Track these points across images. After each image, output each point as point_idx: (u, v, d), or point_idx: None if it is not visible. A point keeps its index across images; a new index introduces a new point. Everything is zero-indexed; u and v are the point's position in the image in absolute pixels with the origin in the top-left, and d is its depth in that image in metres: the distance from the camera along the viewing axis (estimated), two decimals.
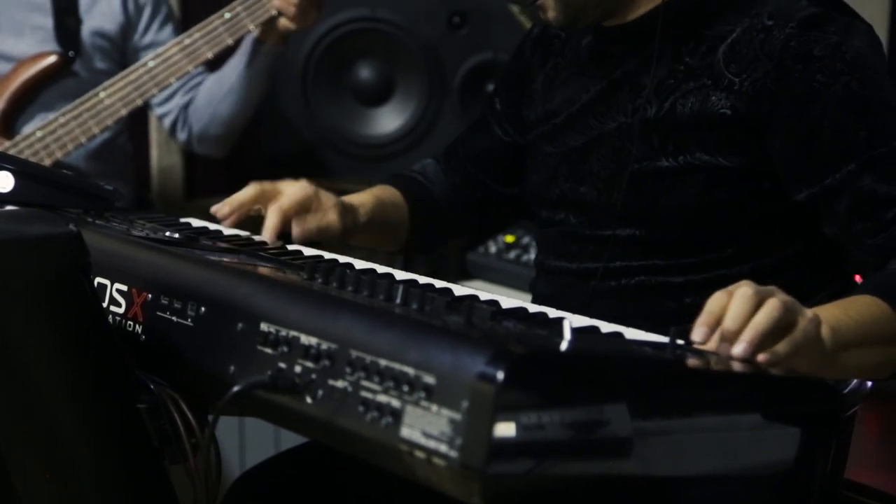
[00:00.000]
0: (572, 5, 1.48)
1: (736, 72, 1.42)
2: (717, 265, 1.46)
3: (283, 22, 2.28)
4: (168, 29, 2.47)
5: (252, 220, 1.57)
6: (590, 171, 1.54)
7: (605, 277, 1.52)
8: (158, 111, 2.50)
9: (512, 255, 2.51)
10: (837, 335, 1.23)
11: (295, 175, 2.67)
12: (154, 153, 2.92)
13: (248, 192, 1.56)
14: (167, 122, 2.51)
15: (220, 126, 2.45)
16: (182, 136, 2.51)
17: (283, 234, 1.54)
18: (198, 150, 2.55)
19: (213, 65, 2.45)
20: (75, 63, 2.37)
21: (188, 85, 2.46)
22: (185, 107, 2.48)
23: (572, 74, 1.60)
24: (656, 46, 1.47)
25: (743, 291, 1.14)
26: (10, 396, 1.15)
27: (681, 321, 1.16)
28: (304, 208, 1.56)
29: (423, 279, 1.33)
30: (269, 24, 2.31)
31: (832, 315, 1.25)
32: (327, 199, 1.59)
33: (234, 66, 2.41)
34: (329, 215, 1.58)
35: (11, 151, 2.25)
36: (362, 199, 1.69)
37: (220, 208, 1.55)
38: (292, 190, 1.57)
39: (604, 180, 1.52)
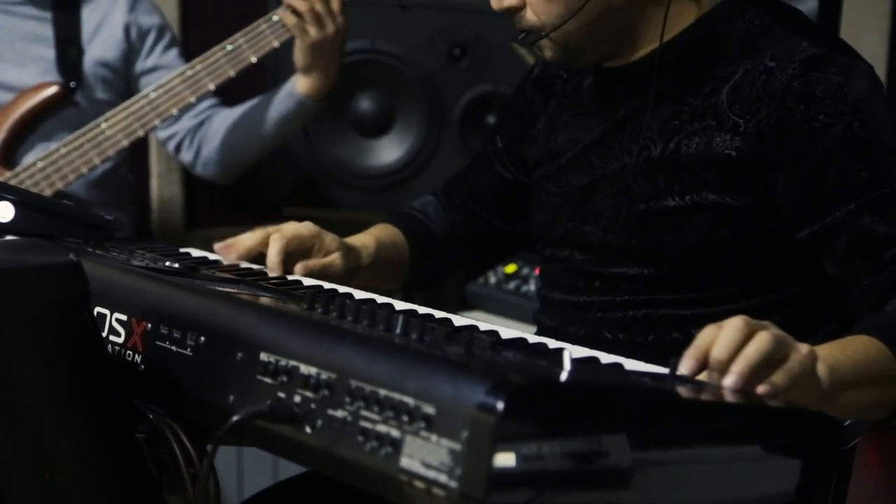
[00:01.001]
0: (570, 47, 1.49)
1: (739, 112, 1.43)
2: (724, 300, 1.47)
3: (295, 47, 2.28)
4: (173, 52, 2.48)
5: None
6: (594, 210, 1.55)
7: (612, 309, 1.53)
8: (162, 134, 2.50)
9: (511, 285, 2.50)
10: (835, 374, 1.23)
11: (294, 204, 2.69)
12: (154, 183, 2.93)
13: (253, 236, 1.56)
14: (172, 143, 2.51)
15: (231, 154, 2.45)
16: (187, 156, 2.50)
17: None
18: (200, 173, 2.53)
19: (217, 95, 2.46)
20: (76, 93, 2.38)
21: (197, 109, 2.46)
22: (196, 128, 2.47)
23: (575, 115, 1.61)
24: (652, 88, 1.48)
25: (733, 323, 1.14)
26: (8, 424, 1.15)
27: None
28: (306, 245, 1.57)
29: (422, 309, 1.33)
30: (299, 69, 2.30)
31: (830, 354, 1.25)
32: (331, 240, 1.60)
33: (263, 100, 2.41)
34: (332, 257, 1.59)
35: (12, 182, 2.26)
36: (364, 240, 1.70)
37: (225, 251, 1.55)
38: (296, 226, 1.58)
39: (608, 219, 1.52)
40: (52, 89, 2.35)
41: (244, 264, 1.53)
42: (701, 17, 1.49)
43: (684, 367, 1.12)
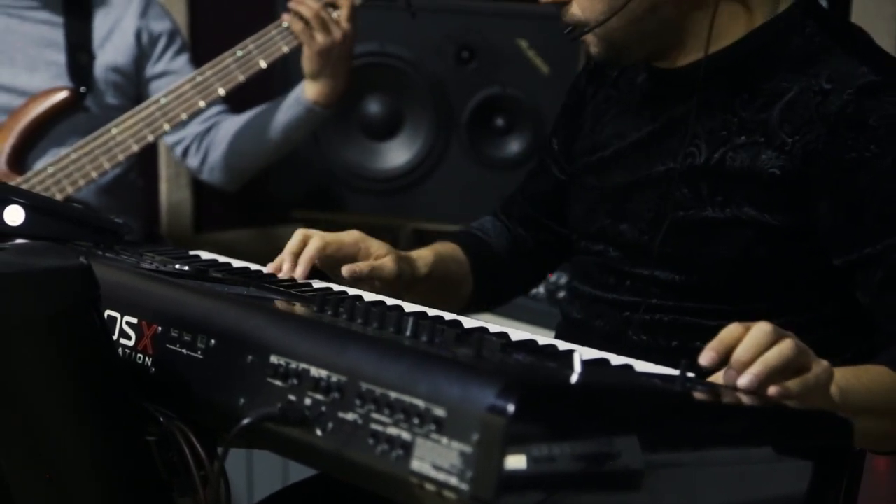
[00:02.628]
0: (615, 44, 1.48)
1: (789, 132, 1.41)
2: (750, 316, 1.43)
3: (303, 53, 2.28)
4: (182, 58, 2.48)
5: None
6: (633, 210, 1.54)
7: (639, 311, 1.52)
8: (170, 139, 2.51)
9: None
10: (846, 396, 1.23)
11: (303, 207, 2.70)
12: (164, 187, 2.93)
13: (296, 238, 1.52)
14: (179, 148, 2.51)
15: (239, 160, 2.45)
16: (194, 162, 2.51)
17: (318, 274, 1.51)
18: (207, 179, 2.54)
19: (225, 101, 2.47)
20: (87, 98, 2.38)
21: (205, 115, 2.46)
22: (203, 134, 2.48)
23: (623, 110, 1.60)
24: (696, 97, 1.47)
25: (761, 326, 1.14)
26: (19, 427, 1.15)
27: None
28: (348, 252, 1.53)
29: (432, 311, 1.33)
30: (307, 75, 2.30)
31: (843, 377, 1.25)
32: (378, 246, 1.56)
33: (271, 107, 2.41)
34: (382, 260, 1.54)
35: (23, 187, 2.26)
36: (421, 252, 1.67)
37: (278, 268, 1.50)
38: (339, 233, 1.54)
39: (647, 222, 1.52)
40: (63, 94, 2.35)
41: (254, 267, 1.53)
42: (758, 28, 1.47)
43: (704, 359, 1.12)
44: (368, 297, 1.40)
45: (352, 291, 1.43)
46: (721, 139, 1.46)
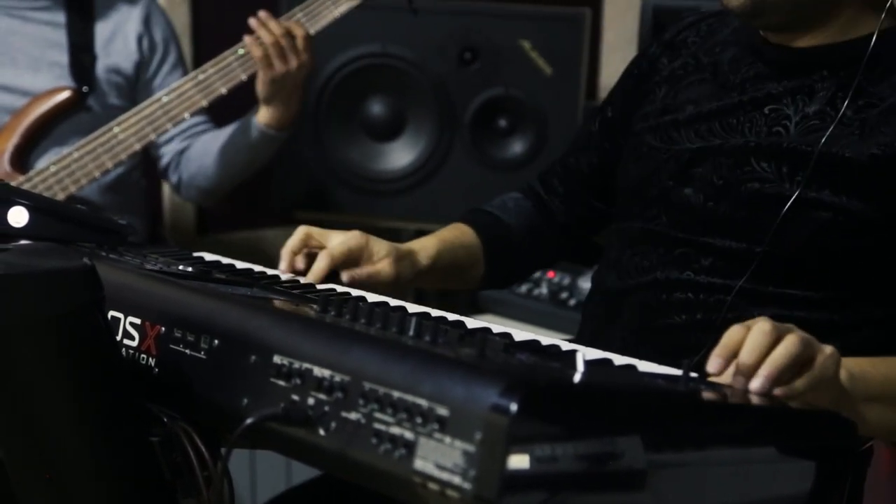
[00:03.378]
0: None
1: (886, 131, 1.41)
2: (798, 306, 1.44)
3: (258, 79, 2.29)
4: (178, 73, 2.50)
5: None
6: (701, 175, 1.52)
7: (682, 289, 1.50)
8: (154, 152, 2.53)
9: (523, 289, 2.51)
10: (859, 383, 1.23)
11: (305, 208, 2.70)
12: (167, 189, 2.93)
13: (296, 236, 1.53)
14: (162, 163, 2.55)
15: (204, 180, 2.50)
16: (173, 179, 2.55)
17: (329, 279, 1.52)
18: (183, 196, 2.59)
19: (212, 113, 2.48)
20: (89, 98, 2.39)
21: (188, 132, 2.49)
22: (181, 153, 2.52)
23: (703, 79, 1.58)
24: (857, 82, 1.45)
25: (761, 326, 1.14)
26: (22, 428, 1.15)
27: None
28: (354, 257, 1.54)
29: (435, 312, 1.33)
30: (261, 99, 2.33)
31: (858, 365, 1.25)
32: (380, 248, 1.56)
33: (230, 130, 2.45)
34: (380, 265, 1.55)
35: (25, 186, 2.27)
36: (425, 243, 1.67)
37: (283, 267, 1.53)
38: (343, 238, 1.55)
39: (716, 188, 1.50)
40: (65, 94, 2.36)
41: (257, 268, 1.53)
42: (883, 32, 1.46)
43: (711, 367, 1.13)
44: (372, 297, 1.40)
45: (355, 292, 1.43)
46: (813, 127, 1.45)
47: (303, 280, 1.50)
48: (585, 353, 1.07)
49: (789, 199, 1.43)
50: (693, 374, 1.10)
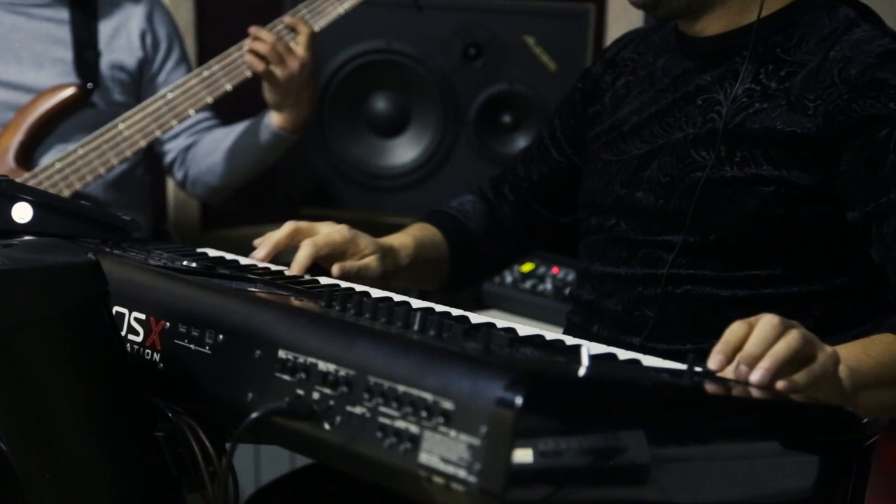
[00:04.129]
0: None
1: (811, 98, 1.44)
2: (764, 283, 1.48)
3: (265, 88, 2.30)
4: (181, 70, 2.49)
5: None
6: (649, 176, 1.56)
7: (651, 284, 1.53)
8: (159, 148, 2.53)
9: (528, 284, 2.50)
10: (856, 375, 1.23)
11: (309, 204, 2.70)
12: (171, 185, 2.94)
13: (284, 230, 1.55)
14: (167, 159, 2.54)
15: (213, 178, 2.49)
16: (178, 175, 2.55)
17: (314, 270, 1.53)
18: (189, 192, 2.59)
19: (217, 110, 2.48)
20: (94, 95, 2.39)
21: (194, 128, 2.49)
22: (187, 149, 2.51)
23: (642, 90, 1.63)
24: (747, 63, 1.49)
25: (767, 319, 1.15)
26: (28, 423, 1.15)
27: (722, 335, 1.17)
28: (339, 251, 1.56)
29: (439, 307, 1.33)
30: (271, 105, 2.33)
31: (852, 354, 1.26)
32: (366, 244, 1.59)
33: (241, 128, 2.44)
34: (368, 260, 1.58)
35: (31, 183, 2.27)
36: (403, 240, 1.70)
37: (258, 250, 1.55)
38: (329, 230, 1.57)
39: (663, 186, 1.54)
40: (70, 90, 2.36)
41: (262, 264, 1.54)
42: (786, 7, 1.52)
43: (713, 363, 1.13)
44: (376, 293, 1.40)
45: (358, 287, 1.43)
46: (743, 105, 1.49)
47: (286, 271, 1.50)
48: (590, 348, 1.07)
49: (731, 182, 1.47)
50: (698, 369, 1.10)
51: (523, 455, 0.91)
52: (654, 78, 1.62)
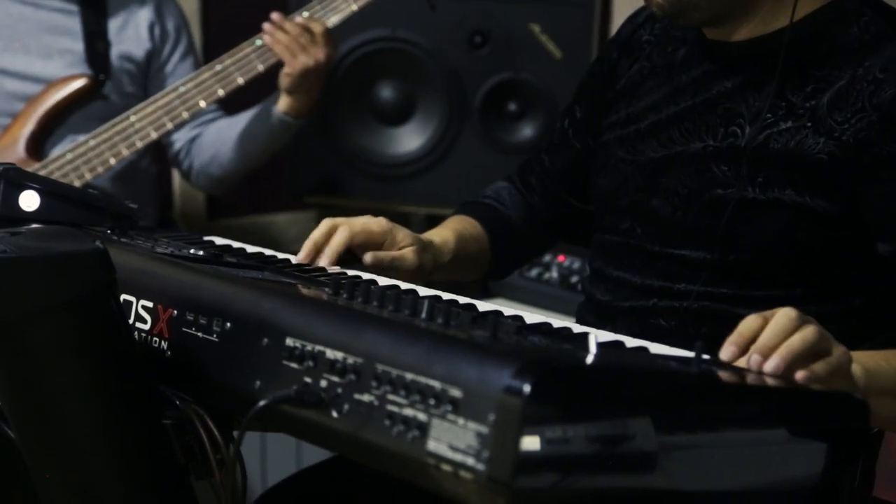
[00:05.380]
0: None
1: (839, 120, 1.40)
2: (782, 303, 1.42)
3: (283, 72, 2.30)
4: (188, 62, 2.49)
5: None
6: (666, 185, 1.52)
7: (667, 297, 1.51)
8: (165, 139, 2.53)
9: (534, 273, 2.50)
10: (872, 378, 1.23)
11: (315, 193, 2.70)
12: (177, 174, 2.94)
13: (321, 228, 1.51)
14: (172, 150, 2.54)
15: (218, 168, 2.49)
16: (184, 166, 2.55)
17: (345, 262, 1.50)
18: (194, 184, 2.59)
19: (224, 103, 2.48)
20: (105, 86, 2.39)
21: (199, 120, 2.49)
22: (192, 140, 2.51)
23: (660, 84, 1.58)
24: (779, 75, 1.43)
25: (785, 312, 1.15)
26: (36, 412, 1.16)
27: None
28: (376, 240, 1.52)
29: (446, 295, 1.33)
30: (284, 89, 2.33)
31: (871, 359, 1.26)
32: (404, 236, 1.55)
33: (246, 117, 2.44)
34: (405, 251, 1.54)
35: (41, 173, 2.27)
36: (444, 235, 1.66)
37: (301, 256, 1.50)
38: (367, 220, 1.53)
39: (681, 197, 1.50)
40: (82, 81, 2.36)
41: (268, 251, 1.54)
42: (814, 13, 1.45)
43: (725, 354, 1.13)
44: (383, 281, 1.40)
45: (365, 275, 1.43)
46: (767, 122, 1.44)
47: (280, 256, 1.48)
48: (597, 336, 1.07)
49: (752, 204, 1.44)
50: (705, 357, 1.10)
51: (531, 442, 0.91)
52: (672, 71, 1.57)
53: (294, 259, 1.49)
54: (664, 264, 1.52)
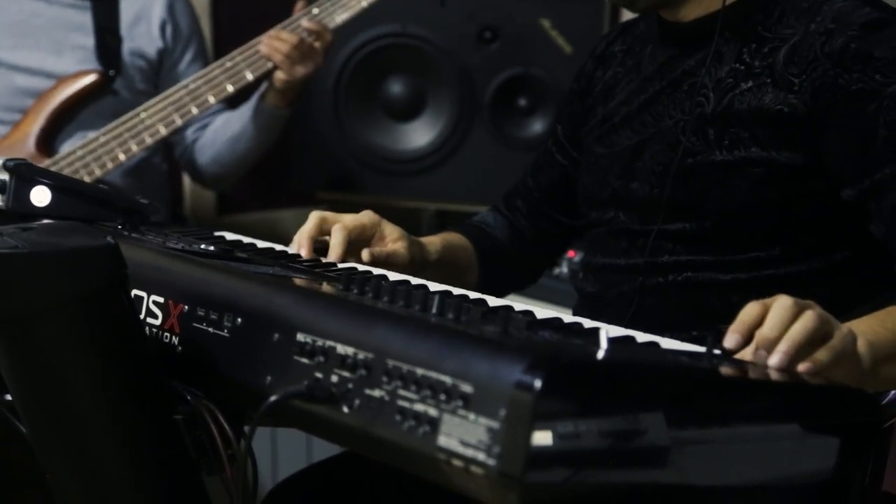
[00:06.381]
0: None
1: (796, 73, 1.44)
2: (764, 264, 1.47)
3: (278, 75, 2.32)
4: (198, 65, 2.50)
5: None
6: (642, 167, 1.56)
7: (653, 273, 1.53)
8: (171, 138, 2.54)
9: None
10: (875, 348, 1.23)
11: (326, 188, 2.70)
12: None
13: (310, 222, 1.53)
14: (178, 150, 2.55)
15: (217, 166, 2.51)
16: (188, 167, 2.58)
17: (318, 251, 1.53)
18: (200, 183, 2.62)
19: (233, 101, 2.49)
20: (115, 82, 2.39)
21: (203, 121, 2.50)
22: (194, 141, 2.52)
23: (631, 80, 1.63)
24: (712, 47, 1.49)
25: (782, 302, 1.14)
26: (48, 407, 1.16)
27: (726, 320, 1.17)
28: (368, 234, 1.56)
29: (457, 290, 1.33)
30: (270, 82, 2.35)
31: (869, 327, 1.25)
32: (392, 229, 1.59)
33: (241, 115, 2.46)
34: (396, 246, 1.57)
35: (51, 169, 2.27)
36: (430, 238, 1.70)
37: (301, 250, 1.52)
38: (356, 216, 1.56)
39: (657, 175, 1.54)
40: (92, 77, 2.36)
41: (279, 247, 1.54)
42: None
43: (728, 342, 1.13)
44: (393, 276, 1.40)
45: (376, 271, 1.43)
46: (728, 86, 1.49)
47: (324, 259, 1.50)
48: (609, 330, 1.07)
49: (721, 166, 1.47)
50: (716, 351, 1.10)
51: (543, 438, 0.91)
52: (640, 67, 1.62)
53: (304, 253, 1.49)
54: (646, 241, 1.54)
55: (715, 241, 1.49)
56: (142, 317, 1.27)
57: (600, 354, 1.01)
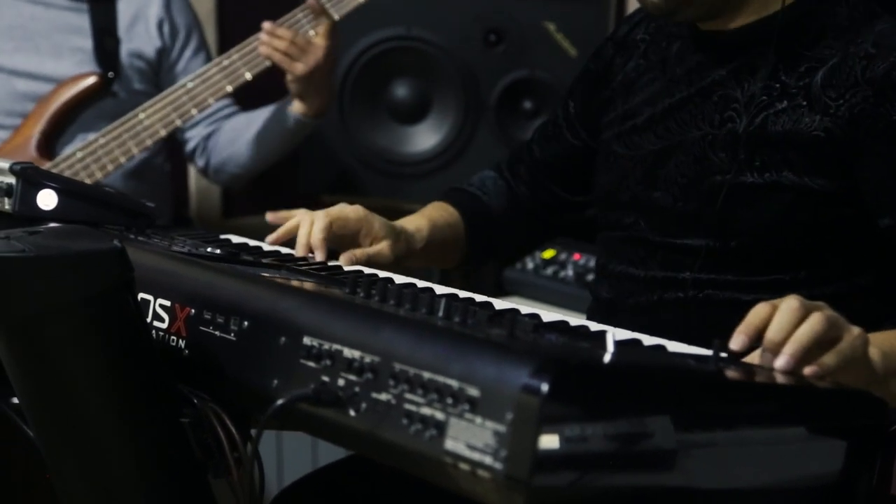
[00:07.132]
0: None
1: (833, 96, 1.41)
2: (788, 287, 1.43)
3: (287, 77, 2.30)
4: (200, 58, 2.50)
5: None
6: (666, 176, 1.53)
7: (672, 288, 1.51)
8: (180, 136, 2.54)
9: (549, 271, 2.50)
10: (889, 359, 1.22)
11: (331, 191, 2.70)
12: (192, 173, 2.94)
13: (303, 228, 1.53)
14: (188, 147, 2.55)
15: (235, 166, 2.50)
16: (200, 163, 2.55)
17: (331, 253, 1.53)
18: (212, 181, 2.61)
19: (237, 96, 2.48)
20: (114, 84, 2.39)
21: (214, 116, 2.50)
22: (207, 137, 2.51)
23: (655, 78, 1.59)
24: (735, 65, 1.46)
25: (789, 304, 1.14)
26: (55, 410, 1.16)
27: None
28: (352, 229, 1.55)
29: (463, 293, 1.33)
30: (293, 94, 2.34)
31: (885, 340, 1.25)
32: (380, 226, 1.58)
33: (263, 116, 2.45)
34: (380, 246, 1.57)
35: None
36: (418, 223, 1.68)
37: (273, 237, 1.55)
38: (342, 207, 1.56)
39: (680, 187, 1.51)
40: (91, 79, 2.36)
41: (285, 249, 1.54)
42: None
43: (735, 343, 1.13)
44: (399, 279, 1.40)
45: (383, 274, 1.43)
46: (762, 105, 1.46)
47: (298, 254, 1.49)
48: (615, 334, 1.07)
49: (751, 188, 1.44)
50: (723, 354, 1.10)
51: (549, 441, 0.91)
52: (666, 65, 1.58)
53: (315, 258, 1.50)
54: (666, 254, 1.52)
55: (739, 261, 1.47)
56: (148, 320, 1.27)
57: (607, 358, 1.01)
